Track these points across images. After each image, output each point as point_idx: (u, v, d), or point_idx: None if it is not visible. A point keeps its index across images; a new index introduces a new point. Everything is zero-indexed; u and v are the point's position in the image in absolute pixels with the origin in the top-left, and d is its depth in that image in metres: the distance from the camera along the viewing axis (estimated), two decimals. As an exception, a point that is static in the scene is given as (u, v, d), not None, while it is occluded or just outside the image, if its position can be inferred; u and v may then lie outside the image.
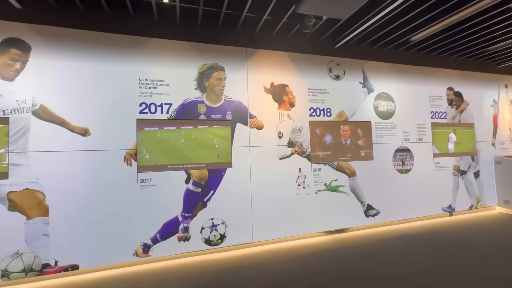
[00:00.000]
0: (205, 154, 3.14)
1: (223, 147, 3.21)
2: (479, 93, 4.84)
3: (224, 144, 3.21)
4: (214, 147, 3.17)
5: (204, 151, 3.13)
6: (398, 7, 2.92)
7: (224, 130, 3.24)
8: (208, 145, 3.16)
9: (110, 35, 2.89)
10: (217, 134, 3.19)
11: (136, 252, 2.84)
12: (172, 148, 3.03)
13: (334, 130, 3.74)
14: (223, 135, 3.22)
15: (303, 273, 2.56)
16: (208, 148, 3.15)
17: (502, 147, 4.92)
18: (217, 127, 3.21)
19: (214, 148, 3.18)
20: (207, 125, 3.18)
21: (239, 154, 3.29)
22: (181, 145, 3.06)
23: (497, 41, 4.04)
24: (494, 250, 2.95)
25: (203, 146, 3.13)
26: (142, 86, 2.99)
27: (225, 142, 3.22)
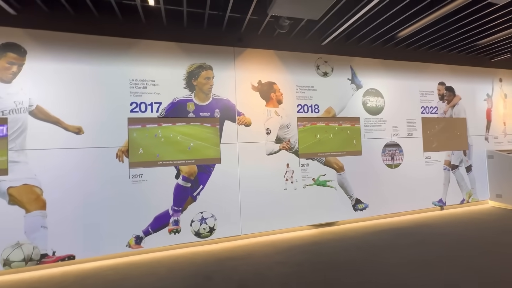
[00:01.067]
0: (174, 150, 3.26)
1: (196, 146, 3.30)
2: (472, 88, 4.82)
3: (188, 141, 3.27)
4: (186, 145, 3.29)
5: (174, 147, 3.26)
6: (381, 2, 2.96)
7: (196, 129, 3.35)
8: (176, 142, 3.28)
9: (100, 37, 3.03)
10: (181, 131, 3.27)
11: (129, 243, 3.00)
12: (162, 144, 3.16)
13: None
14: (187, 133, 3.29)
15: (284, 263, 2.68)
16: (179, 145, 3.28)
17: (495, 141, 4.91)
18: (194, 125, 3.32)
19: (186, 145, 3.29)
20: (192, 122, 3.30)
21: (228, 150, 3.41)
22: (171, 141, 3.19)
23: (489, 34, 4.02)
24: (483, 243, 3.01)
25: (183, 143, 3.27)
26: (132, 86, 3.13)
27: (189, 139, 3.29)
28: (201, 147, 3.30)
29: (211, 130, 3.35)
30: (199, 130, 3.31)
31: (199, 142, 3.30)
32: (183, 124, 3.26)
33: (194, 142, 3.28)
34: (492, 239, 3.11)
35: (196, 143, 3.28)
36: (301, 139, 3.72)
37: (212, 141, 3.35)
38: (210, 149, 3.34)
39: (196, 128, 3.30)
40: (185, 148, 3.24)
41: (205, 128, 3.33)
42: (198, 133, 3.30)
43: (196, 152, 3.28)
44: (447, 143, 4.54)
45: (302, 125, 3.74)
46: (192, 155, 3.26)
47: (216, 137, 3.37)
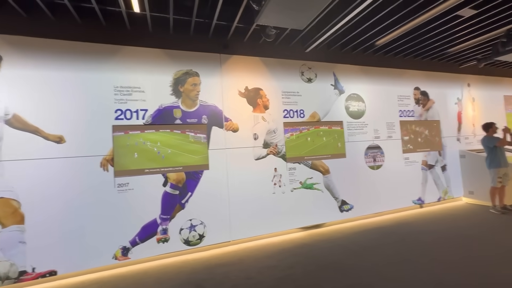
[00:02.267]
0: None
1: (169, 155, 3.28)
2: (444, 92, 5.17)
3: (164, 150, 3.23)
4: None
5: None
6: (361, 13, 3.12)
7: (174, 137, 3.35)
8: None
9: (82, 43, 2.95)
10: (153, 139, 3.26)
11: (115, 255, 2.90)
12: (148, 151, 3.11)
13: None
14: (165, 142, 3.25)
15: (276, 267, 2.71)
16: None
17: (466, 142, 5.27)
18: (163, 132, 3.31)
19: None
20: (180, 129, 3.28)
21: (216, 156, 3.41)
22: (157, 148, 3.15)
23: (457, 43, 4.35)
24: (458, 238, 3.21)
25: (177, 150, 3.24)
26: (117, 93, 3.07)
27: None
28: (188, 154, 3.28)
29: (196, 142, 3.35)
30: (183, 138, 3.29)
31: (185, 153, 3.28)
32: (167, 131, 3.23)
33: (175, 151, 3.25)
34: (465, 232, 3.33)
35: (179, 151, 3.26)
36: (293, 148, 3.80)
37: (198, 151, 3.34)
38: (196, 157, 3.32)
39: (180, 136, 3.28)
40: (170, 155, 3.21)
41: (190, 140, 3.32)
42: (182, 143, 3.28)
43: (182, 158, 3.26)
44: (423, 144, 4.81)
45: (289, 134, 3.82)
46: (178, 162, 3.23)
47: (202, 146, 3.37)
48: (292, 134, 3.84)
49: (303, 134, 3.90)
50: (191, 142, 3.29)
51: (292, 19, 2.21)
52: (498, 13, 3.39)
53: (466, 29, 3.83)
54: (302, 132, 3.91)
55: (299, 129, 3.90)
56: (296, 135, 3.87)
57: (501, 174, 4.11)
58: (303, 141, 3.89)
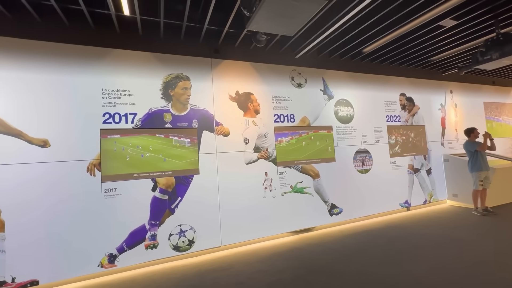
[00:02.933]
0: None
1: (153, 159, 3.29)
2: (428, 98, 5.36)
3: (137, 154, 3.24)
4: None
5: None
6: (349, 21, 3.22)
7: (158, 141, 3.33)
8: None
9: (70, 46, 2.90)
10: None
11: (101, 263, 2.82)
12: (137, 156, 3.06)
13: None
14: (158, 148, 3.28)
15: (266, 272, 2.70)
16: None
17: (449, 146, 5.47)
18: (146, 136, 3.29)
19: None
20: (170, 133, 3.25)
21: (206, 161, 3.39)
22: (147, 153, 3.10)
23: (440, 51, 4.54)
24: (444, 240, 3.30)
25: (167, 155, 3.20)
26: (105, 96, 3.01)
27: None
28: (177, 158, 3.25)
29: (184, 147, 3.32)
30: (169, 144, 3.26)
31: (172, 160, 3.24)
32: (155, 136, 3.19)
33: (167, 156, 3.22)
34: (451, 235, 3.43)
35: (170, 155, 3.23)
36: (286, 152, 3.83)
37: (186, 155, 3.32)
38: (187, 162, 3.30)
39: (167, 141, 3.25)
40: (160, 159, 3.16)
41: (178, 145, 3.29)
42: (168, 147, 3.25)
43: (171, 163, 3.22)
44: (410, 148, 4.96)
45: (289, 138, 3.86)
46: (169, 166, 3.20)
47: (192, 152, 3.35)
48: (292, 138, 3.89)
49: (302, 138, 3.97)
50: (176, 146, 3.24)
51: (282, 26, 2.25)
52: (477, 24, 3.57)
53: (448, 39, 4.01)
54: (302, 136, 3.96)
55: (299, 133, 3.95)
56: (296, 138, 3.91)
57: (482, 177, 4.28)
58: (298, 146, 3.93)
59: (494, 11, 3.25)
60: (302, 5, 1.93)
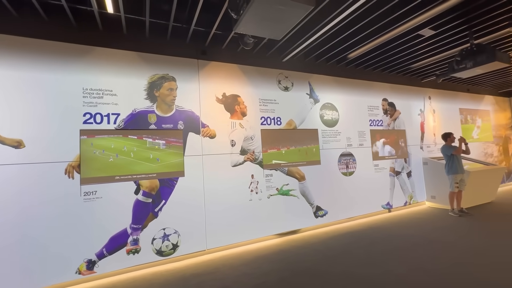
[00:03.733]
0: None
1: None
2: (409, 104, 5.59)
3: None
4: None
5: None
6: (334, 27, 3.29)
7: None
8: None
9: (48, 42, 2.77)
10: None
11: (79, 269, 2.69)
12: (119, 158, 2.97)
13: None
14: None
15: (251, 275, 2.68)
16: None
17: (428, 150, 5.72)
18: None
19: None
20: (158, 134, 3.18)
21: (192, 163, 3.34)
22: (129, 155, 3.01)
23: (419, 59, 4.75)
24: (423, 240, 3.42)
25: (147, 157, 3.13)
26: (86, 96, 2.90)
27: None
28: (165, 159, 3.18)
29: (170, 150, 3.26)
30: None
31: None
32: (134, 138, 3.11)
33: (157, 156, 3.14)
34: (429, 235, 3.57)
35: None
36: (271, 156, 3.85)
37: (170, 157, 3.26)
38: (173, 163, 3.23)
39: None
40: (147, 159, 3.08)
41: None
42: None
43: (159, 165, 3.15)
44: (391, 152, 5.13)
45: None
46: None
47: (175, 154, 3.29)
48: (288, 148, 3.97)
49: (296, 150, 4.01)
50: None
51: (269, 30, 2.27)
52: (453, 34, 3.77)
53: (427, 48, 4.20)
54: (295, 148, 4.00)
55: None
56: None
57: (458, 180, 4.50)
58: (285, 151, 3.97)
59: (469, 22, 3.45)
60: (289, 10, 1.96)
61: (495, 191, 5.42)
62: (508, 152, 7.43)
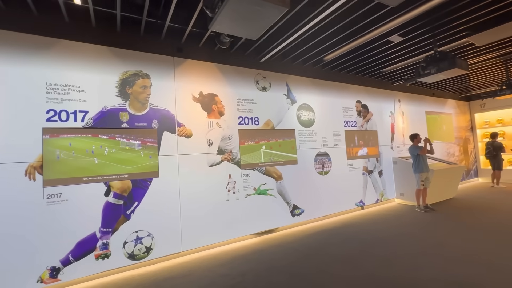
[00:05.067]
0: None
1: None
2: (380, 106, 5.87)
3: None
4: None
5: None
6: (310, 30, 3.37)
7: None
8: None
9: (6, 32, 2.55)
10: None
11: (41, 278, 2.50)
12: (88, 158, 2.80)
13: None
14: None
15: (227, 275, 2.66)
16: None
17: (397, 150, 6.05)
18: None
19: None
20: (131, 133, 3.05)
21: (167, 163, 3.25)
22: (99, 155, 2.86)
23: (389, 64, 5.01)
24: (391, 235, 3.61)
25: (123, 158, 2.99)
26: (50, 91, 2.71)
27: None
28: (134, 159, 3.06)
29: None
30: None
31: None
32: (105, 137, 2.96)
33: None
34: (397, 231, 3.78)
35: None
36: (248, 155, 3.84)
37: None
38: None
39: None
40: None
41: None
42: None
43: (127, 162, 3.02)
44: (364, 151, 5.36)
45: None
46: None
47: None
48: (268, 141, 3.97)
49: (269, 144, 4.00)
50: (124, 149, 3.02)
51: (245, 29, 2.27)
52: (419, 41, 4.02)
53: (396, 53, 4.44)
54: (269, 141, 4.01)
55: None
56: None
57: (423, 178, 4.81)
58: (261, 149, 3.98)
59: (433, 31, 3.69)
60: (264, 10, 1.97)
61: (456, 188, 5.87)
62: (468, 152, 8.08)
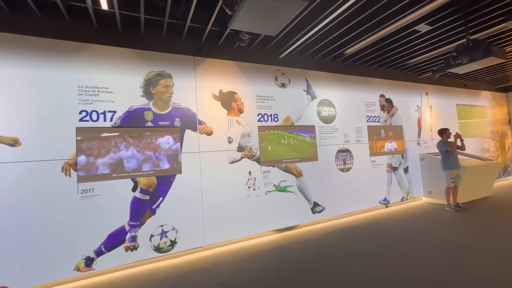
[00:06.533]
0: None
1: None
2: (406, 100, 5.60)
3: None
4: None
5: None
6: (330, 23, 3.28)
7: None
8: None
9: (42, 39, 2.76)
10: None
11: (77, 266, 2.71)
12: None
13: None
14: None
15: (249, 270, 2.71)
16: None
17: (425, 146, 5.74)
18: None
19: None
20: (155, 131, 3.19)
21: (189, 160, 3.35)
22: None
23: (416, 55, 4.75)
24: (418, 234, 3.46)
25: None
26: (82, 93, 2.89)
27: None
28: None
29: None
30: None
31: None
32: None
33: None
34: (424, 229, 3.61)
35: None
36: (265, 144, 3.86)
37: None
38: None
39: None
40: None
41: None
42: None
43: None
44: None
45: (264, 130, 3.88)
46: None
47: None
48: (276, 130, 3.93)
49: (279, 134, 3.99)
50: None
51: (264, 26, 2.27)
52: (449, 30, 3.77)
53: (423, 43, 4.20)
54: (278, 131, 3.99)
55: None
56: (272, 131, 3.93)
57: (453, 175, 4.53)
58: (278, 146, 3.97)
59: (465, 18, 3.44)
60: (283, 5, 1.95)
61: (491, 186, 5.47)
62: (505, 148, 7.47)
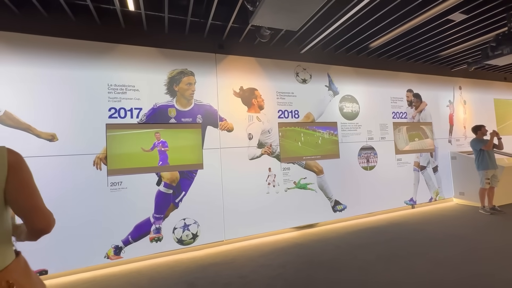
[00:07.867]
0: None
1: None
2: (436, 95, 5.26)
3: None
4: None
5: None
6: (355, 15, 3.16)
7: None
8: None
9: (75, 41, 2.93)
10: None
11: (107, 254, 2.89)
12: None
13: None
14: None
15: (268, 266, 2.72)
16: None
17: (457, 144, 5.37)
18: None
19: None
20: (178, 128, 3.29)
21: (210, 156, 3.42)
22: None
23: (449, 46, 4.44)
24: (447, 237, 3.27)
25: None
26: (111, 91, 3.05)
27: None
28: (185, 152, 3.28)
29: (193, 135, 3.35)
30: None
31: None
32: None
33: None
34: (455, 232, 3.39)
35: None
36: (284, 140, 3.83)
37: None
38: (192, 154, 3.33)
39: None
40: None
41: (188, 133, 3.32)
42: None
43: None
44: (416, 145, 4.89)
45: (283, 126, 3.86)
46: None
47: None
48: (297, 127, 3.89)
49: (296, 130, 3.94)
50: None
51: (286, 20, 2.23)
52: (488, 18, 3.47)
53: (457, 33, 3.91)
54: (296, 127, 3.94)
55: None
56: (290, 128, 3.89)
57: (489, 176, 4.20)
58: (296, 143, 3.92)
59: (506, 4, 3.15)
60: (306, -1, 1.91)
61: (533, 188, 5.00)
62: (551, 146, 6.77)
